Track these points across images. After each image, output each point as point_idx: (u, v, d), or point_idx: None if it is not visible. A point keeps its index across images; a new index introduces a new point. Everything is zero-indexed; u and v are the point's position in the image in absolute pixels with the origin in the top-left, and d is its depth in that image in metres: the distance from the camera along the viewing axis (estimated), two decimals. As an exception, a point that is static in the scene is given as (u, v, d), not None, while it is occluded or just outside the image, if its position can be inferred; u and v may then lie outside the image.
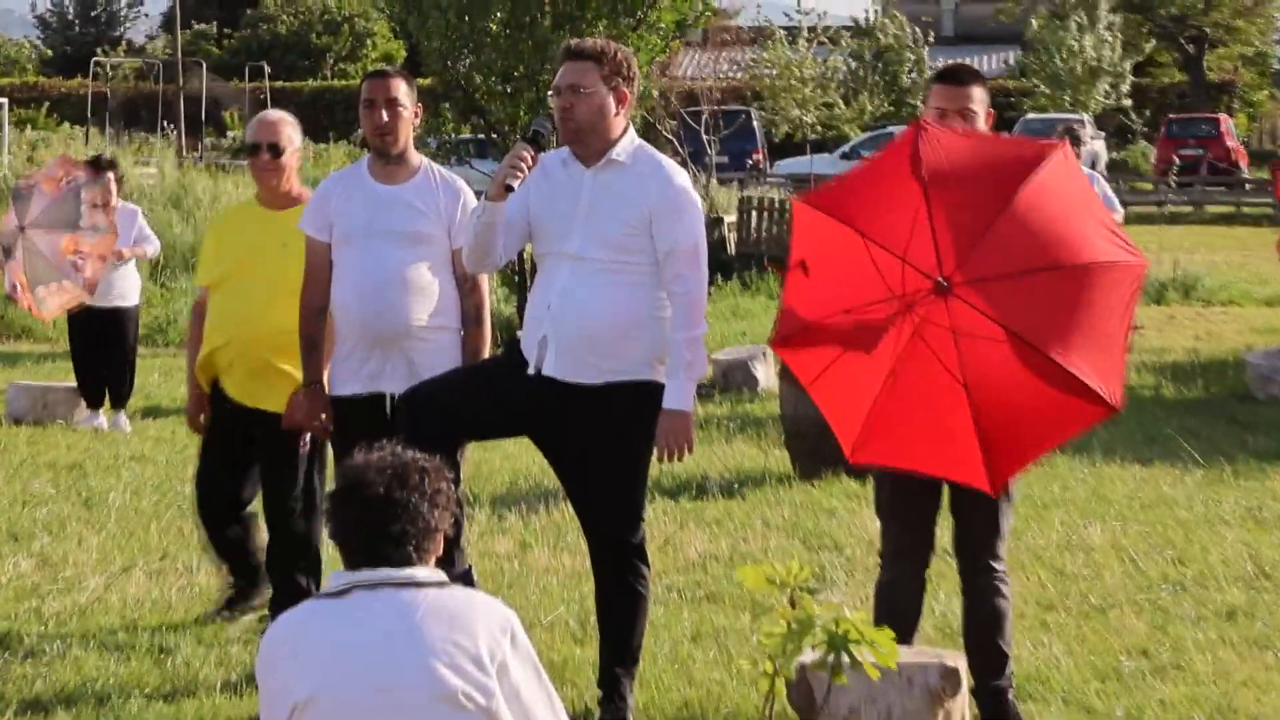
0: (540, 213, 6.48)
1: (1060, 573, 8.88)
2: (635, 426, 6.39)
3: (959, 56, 54.29)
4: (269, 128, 7.80)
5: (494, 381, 6.57)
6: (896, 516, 6.47)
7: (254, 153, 7.83)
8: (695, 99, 33.74)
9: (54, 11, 69.75)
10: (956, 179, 5.69)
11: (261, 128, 7.84)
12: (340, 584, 4.36)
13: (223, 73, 52.91)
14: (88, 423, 13.95)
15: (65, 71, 61.43)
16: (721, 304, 22.20)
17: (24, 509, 10.50)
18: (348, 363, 7.28)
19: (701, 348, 6.40)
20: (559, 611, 8.10)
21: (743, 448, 12.58)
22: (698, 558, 9.21)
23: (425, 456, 4.48)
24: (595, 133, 6.41)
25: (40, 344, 19.59)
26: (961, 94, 6.41)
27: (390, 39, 60.42)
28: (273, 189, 7.85)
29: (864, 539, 9.46)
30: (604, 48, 6.49)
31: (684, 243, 6.35)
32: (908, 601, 6.48)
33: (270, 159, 7.78)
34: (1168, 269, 24.05)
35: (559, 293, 6.40)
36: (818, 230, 5.87)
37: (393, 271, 7.15)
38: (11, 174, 25.33)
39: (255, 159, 7.83)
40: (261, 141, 7.80)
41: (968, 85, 6.44)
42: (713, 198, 27.32)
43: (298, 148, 7.88)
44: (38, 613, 8.15)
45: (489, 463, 11.70)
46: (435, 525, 4.40)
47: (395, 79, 7.36)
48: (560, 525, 9.81)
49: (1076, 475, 11.37)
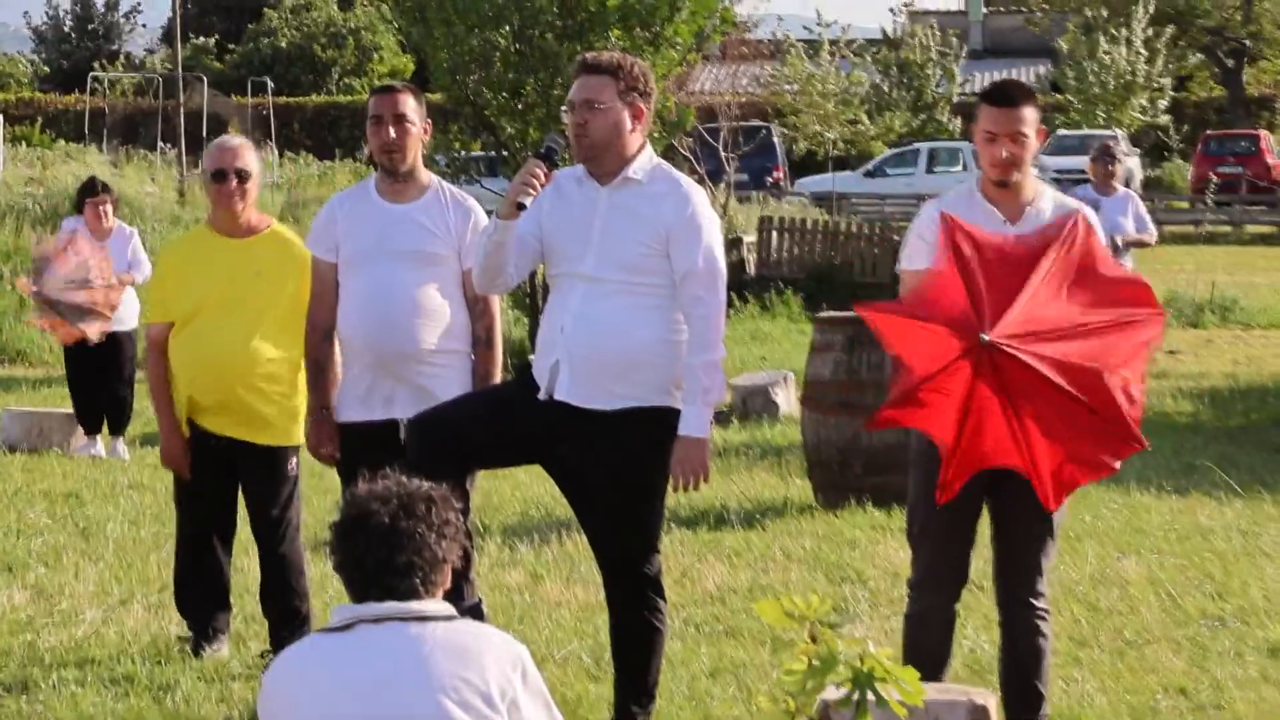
0: (553, 232, 6.37)
1: (1094, 607, 8.73)
2: (651, 454, 6.26)
3: (988, 70, 54.08)
4: (235, 153, 7.69)
5: (505, 407, 6.46)
6: (930, 542, 6.31)
7: (220, 179, 7.65)
8: (713, 114, 33.63)
9: (50, 24, 69.61)
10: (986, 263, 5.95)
11: (227, 154, 7.70)
12: (344, 618, 4.28)
13: (224, 87, 52.75)
14: (85, 450, 13.81)
15: (62, 87, 61.09)
16: (740, 327, 22.09)
17: (19, 539, 10.37)
18: (355, 388, 7.20)
19: (719, 372, 6.28)
20: (572, 646, 7.97)
21: (763, 476, 12.45)
22: (716, 590, 9.09)
23: (432, 485, 4.41)
24: (610, 150, 6.30)
25: (36, 369, 19.50)
26: (1013, 116, 6.19)
27: (398, 53, 60.20)
28: (235, 215, 7.70)
29: (888, 571, 9.36)
30: (620, 61, 6.40)
31: (702, 264, 6.24)
32: (938, 635, 6.33)
33: (239, 184, 7.64)
34: (1205, 291, 23.92)
35: (573, 315, 6.29)
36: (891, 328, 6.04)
37: (401, 293, 7.06)
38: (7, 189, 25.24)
39: (222, 186, 7.65)
40: (228, 168, 7.66)
41: (1019, 106, 6.21)
42: (731, 217, 27.21)
43: (259, 174, 7.81)
44: (33, 646, 8.01)
45: (500, 491, 11.60)
46: (443, 556, 4.32)
47: (403, 94, 7.26)
48: (574, 556, 9.67)
49: (1110, 505, 11.19)
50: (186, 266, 7.78)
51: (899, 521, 10.47)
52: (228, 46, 62.27)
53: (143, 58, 68.66)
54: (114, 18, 70.00)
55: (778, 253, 26.50)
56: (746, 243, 26.36)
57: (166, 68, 52.05)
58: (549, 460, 6.45)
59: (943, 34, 50.45)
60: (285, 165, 39.25)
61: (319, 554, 8.69)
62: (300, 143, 49.63)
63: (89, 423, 13.89)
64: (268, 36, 60.87)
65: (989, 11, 63.27)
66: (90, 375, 13.75)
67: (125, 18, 70.64)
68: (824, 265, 25.82)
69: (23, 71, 66.47)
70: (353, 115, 51.43)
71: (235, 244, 7.70)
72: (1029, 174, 6.29)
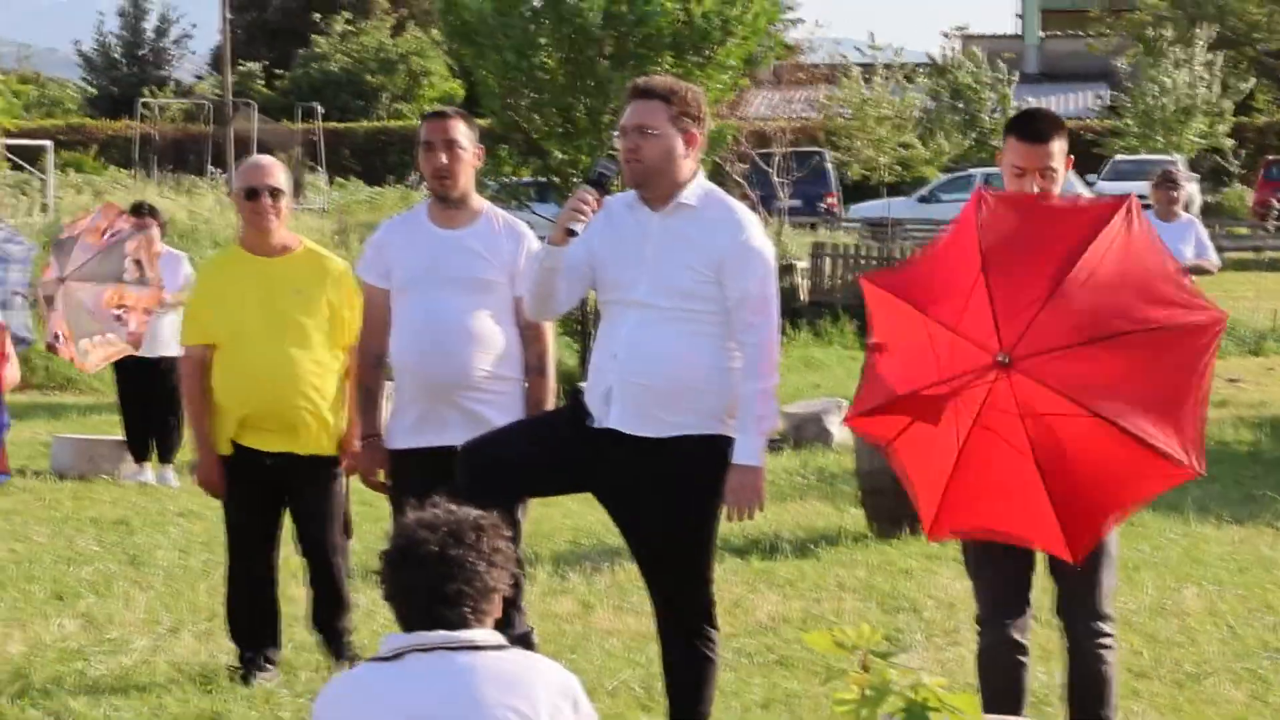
0: (604, 258, 6.32)
1: (1153, 638, 8.63)
2: (703, 482, 6.20)
3: (1044, 94, 53.69)
4: (266, 171, 7.72)
5: (556, 434, 6.42)
6: (985, 576, 6.23)
7: (253, 197, 7.67)
8: (766, 140, 33.57)
9: (99, 51, 69.96)
10: (1015, 250, 5.56)
11: (259, 172, 7.74)
12: (394, 647, 4.26)
13: (274, 113, 52.82)
14: (134, 477, 13.83)
15: (111, 113, 61.24)
16: (794, 354, 22.04)
17: (69, 567, 10.36)
18: (406, 415, 7.19)
19: (773, 400, 6.23)
20: (624, 676, 7.91)
21: (816, 505, 12.38)
22: (769, 620, 9.03)
23: (482, 513, 4.39)
24: (663, 175, 6.24)
25: (85, 395, 19.54)
26: (1042, 152, 6.07)
27: (448, 78, 60.10)
28: (269, 233, 7.72)
29: (943, 601, 9.30)
30: (673, 86, 6.35)
31: (755, 291, 6.19)
32: (1010, 667, 6.21)
33: (272, 202, 7.66)
34: (1266, 318, 23.72)
35: (624, 342, 6.23)
36: (886, 309, 5.80)
37: (453, 320, 7.05)
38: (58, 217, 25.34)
39: (255, 203, 7.67)
40: (260, 185, 7.68)
41: (1047, 142, 6.08)
42: (784, 243, 27.13)
43: (290, 192, 7.84)
44: (83, 675, 7.98)
45: (550, 519, 11.55)
46: (493, 585, 4.30)
47: (454, 120, 7.23)
48: (625, 585, 9.62)
49: (1168, 536, 11.10)
50: (224, 288, 7.77)
51: (954, 551, 10.36)
52: (277, 72, 62.40)
53: (192, 84, 68.96)
54: (163, 44, 70.34)
55: (831, 279, 26.42)
56: (799, 269, 26.30)
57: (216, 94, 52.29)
58: (600, 488, 6.39)
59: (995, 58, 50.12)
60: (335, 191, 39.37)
61: (369, 583, 8.66)
62: (350, 168, 49.79)
63: (138, 450, 13.90)
64: (317, 62, 60.94)
65: (1045, 35, 62.92)
66: (139, 402, 13.76)
67: (175, 44, 70.98)
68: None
69: (71, 97, 66.79)
70: (402, 141, 51.45)
71: (271, 262, 7.73)
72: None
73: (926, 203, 41.73)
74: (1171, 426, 5.39)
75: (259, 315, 7.62)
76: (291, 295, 7.61)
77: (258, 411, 7.63)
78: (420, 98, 59.04)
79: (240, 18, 65.26)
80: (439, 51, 57.30)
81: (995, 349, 5.46)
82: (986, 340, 5.48)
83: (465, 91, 53.79)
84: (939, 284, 5.65)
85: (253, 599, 7.92)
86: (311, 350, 7.59)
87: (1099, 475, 5.48)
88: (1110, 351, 5.42)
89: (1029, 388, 5.44)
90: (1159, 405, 5.39)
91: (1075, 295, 5.41)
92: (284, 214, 7.76)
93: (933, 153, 44.04)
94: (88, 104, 65.72)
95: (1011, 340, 5.44)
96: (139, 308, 12.93)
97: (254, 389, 7.60)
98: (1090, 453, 5.44)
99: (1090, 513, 5.54)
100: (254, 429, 7.68)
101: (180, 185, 32.68)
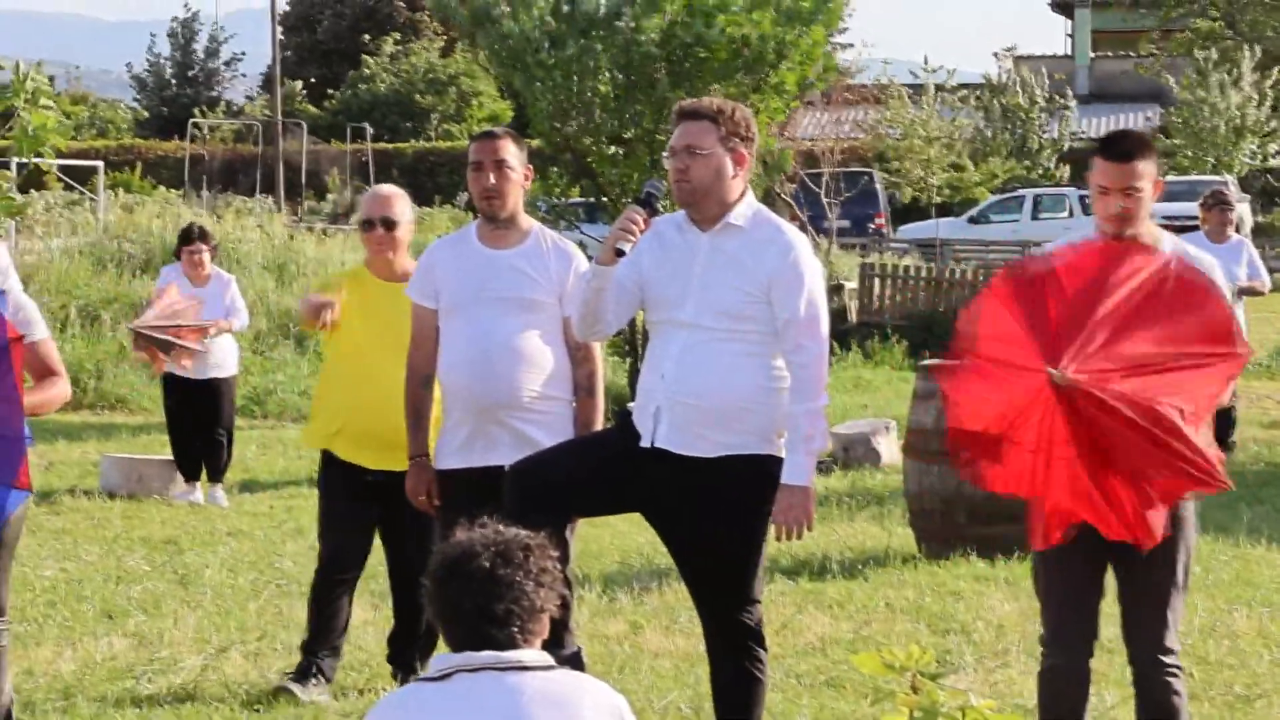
0: (653, 278, 6.32)
1: (1204, 660, 8.57)
2: (752, 502, 6.19)
3: (1095, 115, 53.39)
4: (383, 202, 8.01)
5: (605, 454, 6.41)
6: (1055, 597, 6.17)
7: (368, 228, 8.01)
8: (815, 160, 33.50)
9: (151, 72, 70.30)
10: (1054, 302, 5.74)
11: (376, 203, 8.05)
12: (443, 668, 4.22)
13: (323, 134, 52.92)
14: (183, 497, 13.83)
15: (162, 133, 61.48)
16: (843, 375, 21.97)
17: (118, 585, 10.38)
18: (455, 435, 7.17)
19: (822, 420, 6.21)
20: (672, 696, 7.89)
21: (865, 526, 12.33)
22: (818, 641, 8.98)
23: (529, 533, 4.35)
24: (711, 196, 6.24)
25: (136, 415, 19.58)
26: (1127, 171, 6.06)
27: (497, 98, 60.10)
28: (389, 262, 8.01)
29: (993, 622, 9.25)
30: (721, 107, 6.34)
31: (803, 311, 6.17)
32: (1072, 692, 6.15)
33: (385, 232, 7.95)
34: (1316, 341, 23.56)
35: (673, 362, 6.23)
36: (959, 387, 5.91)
37: (502, 340, 7.04)
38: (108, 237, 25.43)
39: (370, 233, 8.01)
40: (375, 217, 7.98)
41: (1134, 161, 6.07)
42: (833, 263, 27.06)
43: (410, 221, 8.09)
44: (133, 694, 8.00)
45: (599, 540, 11.53)
46: (541, 605, 4.26)
47: (503, 140, 7.21)
48: (674, 606, 9.59)
49: (1220, 558, 10.99)
50: (358, 299, 8.02)
51: (1004, 572, 10.34)
52: (327, 93, 62.57)
53: (242, 104, 69.23)
54: (214, 65, 70.67)
55: (880, 300, 26.36)
56: (848, 289, 26.24)
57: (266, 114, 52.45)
58: (649, 508, 6.37)
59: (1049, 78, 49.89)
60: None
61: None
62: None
63: (188, 469, 13.92)
64: (367, 83, 61.09)
65: (1095, 55, 62.62)
66: (188, 422, 13.81)
67: (225, 65, 71.31)
68: (926, 312, 25.65)
69: (122, 118, 67.14)
70: (451, 161, 51.49)
71: (390, 287, 7.89)
72: (1148, 226, 6.15)
73: (976, 223, 41.57)
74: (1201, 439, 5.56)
75: (376, 338, 7.82)
76: (402, 320, 7.46)
77: (358, 429, 7.83)
78: (469, 118, 59.05)
79: (290, 39, 65.55)
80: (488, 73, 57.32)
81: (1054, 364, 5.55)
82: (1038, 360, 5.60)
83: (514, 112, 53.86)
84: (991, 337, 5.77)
85: (328, 607, 8.02)
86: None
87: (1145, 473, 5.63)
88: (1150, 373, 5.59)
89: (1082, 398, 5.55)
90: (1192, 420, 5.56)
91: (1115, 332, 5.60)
92: (401, 243, 8.00)
93: (983, 174, 43.84)
94: (139, 125, 66.03)
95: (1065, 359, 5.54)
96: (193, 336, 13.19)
97: (367, 411, 7.79)
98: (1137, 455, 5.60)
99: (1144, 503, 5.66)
100: (356, 445, 7.87)
101: (230, 206, 32.78)
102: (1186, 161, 46.73)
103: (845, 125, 43.65)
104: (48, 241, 25.24)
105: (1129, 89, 58.95)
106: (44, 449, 15.94)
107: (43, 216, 27.41)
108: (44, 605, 9.75)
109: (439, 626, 4.31)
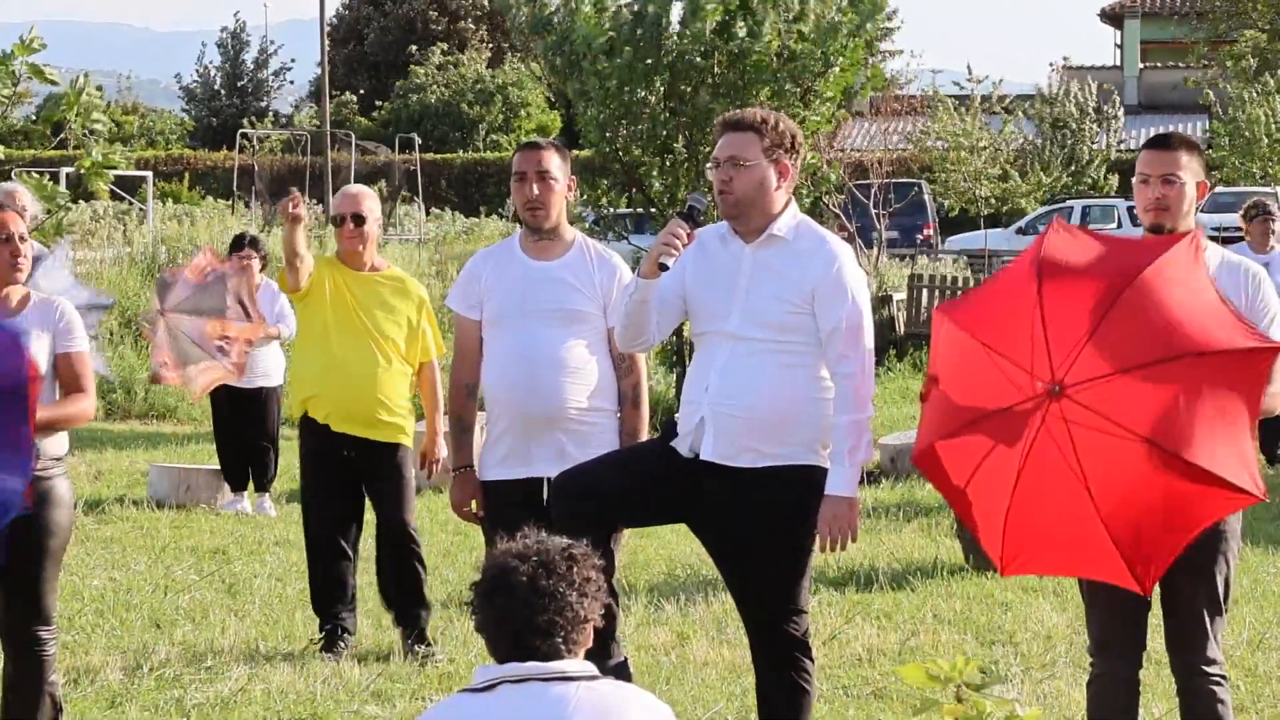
0: (697, 290, 6.31)
1: (1251, 672, 8.50)
2: (797, 513, 6.17)
3: (1144, 126, 53.14)
4: (351, 200, 8.84)
5: (650, 465, 6.40)
6: (1099, 607, 6.14)
7: (338, 223, 8.85)
8: (864, 171, 33.40)
9: (200, 83, 70.55)
10: (1071, 277, 5.50)
11: (345, 201, 8.88)
12: (487, 679, 4.22)
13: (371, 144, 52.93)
14: (231, 506, 13.84)
15: (211, 144, 61.76)
16: (890, 386, 21.88)
17: (166, 595, 10.40)
18: (499, 446, 7.15)
19: (867, 432, 6.19)
20: (719, 707, 7.86)
21: (912, 537, 12.27)
22: (864, 652, 8.94)
23: (573, 543, 4.36)
24: (755, 207, 6.24)
25: (183, 425, 19.62)
26: (1166, 159, 6.10)
27: (545, 110, 60.16)
28: (359, 254, 8.85)
29: (1040, 633, 9.21)
30: (765, 118, 6.33)
31: (848, 322, 6.15)
32: (1120, 701, 6.15)
33: (354, 227, 8.78)
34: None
35: (718, 373, 6.22)
36: (949, 341, 5.72)
37: (546, 351, 7.02)
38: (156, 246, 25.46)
39: (340, 228, 8.84)
40: (345, 213, 8.81)
41: (1175, 150, 6.13)
42: (881, 274, 26.94)
43: (378, 218, 8.90)
44: (180, 704, 8.02)
45: (645, 550, 11.50)
46: (585, 615, 4.27)
47: (547, 151, 7.19)
48: (720, 616, 9.56)
49: (1267, 570, 10.92)
50: (329, 278, 8.82)
51: (1051, 583, 10.28)
52: (375, 103, 62.65)
53: (290, 114, 69.38)
54: (263, 75, 70.87)
55: (928, 311, 26.26)
56: (896, 300, 26.16)
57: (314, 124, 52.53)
58: (694, 519, 6.36)
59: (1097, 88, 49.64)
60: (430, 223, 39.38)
61: (463, 613, 8.66)
62: (447, 199, 49.90)
63: (235, 479, 13.94)
64: (415, 93, 61.14)
65: (1145, 66, 62.37)
66: (236, 431, 13.84)
67: (274, 75, 71.49)
68: (974, 324, 25.48)
69: (172, 128, 67.41)
70: (499, 172, 51.45)
71: (362, 276, 8.82)
72: (1190, 225, 6.10)
73: (1024, 234, 41.37)
74: (1233, 450, 5.30)
75: (345, 320, 8.73)
76: (376, 309, 8.74)
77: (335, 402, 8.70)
78: (517, 129, 59.07)
79: (339, 50, 65.67)
80: (537, 84, 57.35)
81: (1047, 378, 5.38)
82: (1038, 369, 5.41)
83: (563, 124, 53.84)
84: (1002, 313, 5.60)
85: (329, 571, 8.91)
86: (388, 359, 8.73)
87: (1156, 503, 5.37)
88: (1164, 377, 5.32)
89: (1080, 415, 5.36)
90: (1219, 430, 5.29)
91: (1125, 320, 5.36)
92: (369, 238, 8.84)
93: (1031, 185, 43.64)
94: (189, 135, 66.27)
95: (1063, 369, 5.37)
96: (241, 339, 12.96)
97: (335, 387, 8.71)
98: (1146, 481, 5.33)
99: (1152, 541, 5.43)
100: (324, 413, 8.74)
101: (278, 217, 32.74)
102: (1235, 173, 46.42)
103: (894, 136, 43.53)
104: (100, 251, 25.30)
105: (1178, 100, 58.67)
106: (92, 458, 16.00)
107: (92, 226, 27.49)
108: (92, 614, 9.78)
109: (484, 637, 4.30)
